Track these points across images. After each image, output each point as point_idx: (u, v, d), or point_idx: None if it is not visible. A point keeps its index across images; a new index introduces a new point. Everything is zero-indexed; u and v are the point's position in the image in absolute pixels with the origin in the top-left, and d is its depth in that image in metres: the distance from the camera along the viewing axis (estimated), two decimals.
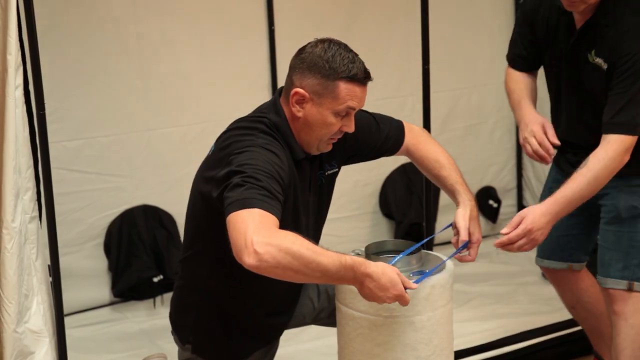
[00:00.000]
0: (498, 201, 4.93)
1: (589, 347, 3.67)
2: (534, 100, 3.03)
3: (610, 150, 2.66)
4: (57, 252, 2.97)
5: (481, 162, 4.92)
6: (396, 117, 2.92)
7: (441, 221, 4.69)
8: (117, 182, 4.12)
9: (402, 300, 2.32)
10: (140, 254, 4.12)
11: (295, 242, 2.18)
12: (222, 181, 2.36)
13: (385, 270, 2.30)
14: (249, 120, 2.57)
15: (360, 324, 2.50)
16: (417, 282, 2.40)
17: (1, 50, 2.82)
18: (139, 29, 4.03)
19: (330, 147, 2.60)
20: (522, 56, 3.07)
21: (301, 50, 2.54)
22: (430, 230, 3.48)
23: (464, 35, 4.78)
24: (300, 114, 2.52)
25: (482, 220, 4.91)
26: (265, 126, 2.52)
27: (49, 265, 3.04)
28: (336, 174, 2.75)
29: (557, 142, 2.89)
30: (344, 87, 2.48)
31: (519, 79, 3.06)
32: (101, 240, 4.14)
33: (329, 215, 2.91)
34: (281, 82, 4.25)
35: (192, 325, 2.70)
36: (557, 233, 2.94)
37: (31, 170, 2.94)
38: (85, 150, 4.03)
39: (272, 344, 2.81)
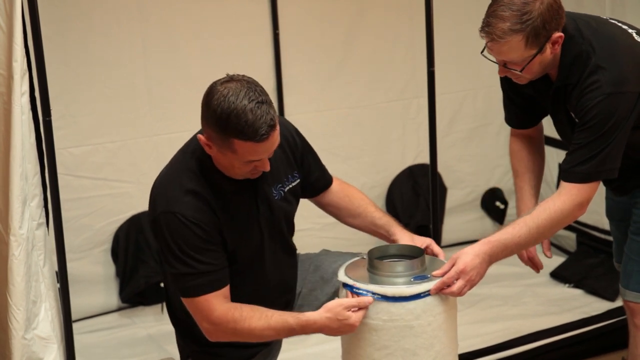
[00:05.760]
0: (505, 202, 4.92)
1: (597, 348, 3.67)
2: (537, 181, 2.96)
3: (559, 201, 2.60)
4: (64, 258, 2.98)
5: (487, 164, 4.91)
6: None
7: (448, 223, 4.68)
8: (124, 187, 4.12)
9: (357, 323, 2.46)
10: (148, 259, 4.12)
11: (235, 330, 2.46)
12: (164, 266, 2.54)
13: (330, 317, 2.44)
14: (171, 179, 2.54)
15: (361, 328, 2.49)
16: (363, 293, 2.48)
17: (7, 57, 2.82)
18: (144, 35, 4.03)
19: (257, 175, 2.50)
20: (513, 117, 3.03)
21: (208, 90, 2.38)
22: (437, 232, 3.47)
23: (469, 36, 4.75)
24: (212, 154, 2.45)
25: (490, 221, 4.91)
26: (188, 180, 2.48)
27: (56, 272, 3.04)
28: (299, 184, 2.70)
29: (550, 255, 2.94)
30: (240, 146, 2.35)
31: (522, 155, 2.98)
32: (108, 246, 4.15)
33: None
34: (286, 85, 4.31)
35: (182, 343, 2.73)
36: (623, 239, 2.95)
37: (38, 177, 2.95)
38: (92, 156, 4.03)
39: (269, 345, 2.76)
